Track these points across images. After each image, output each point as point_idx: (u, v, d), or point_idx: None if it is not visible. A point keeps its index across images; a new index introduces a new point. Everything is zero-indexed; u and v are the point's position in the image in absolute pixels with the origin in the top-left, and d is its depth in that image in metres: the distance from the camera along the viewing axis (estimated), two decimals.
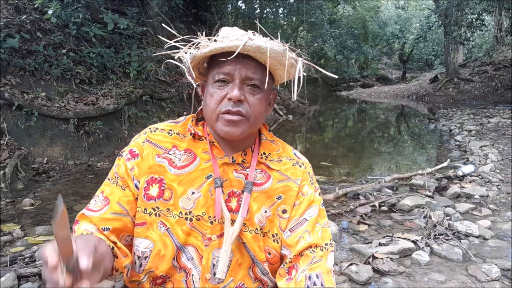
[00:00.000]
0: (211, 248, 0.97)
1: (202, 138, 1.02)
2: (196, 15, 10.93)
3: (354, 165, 6.38)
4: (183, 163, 0.99)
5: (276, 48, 0.90)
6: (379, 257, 2.49)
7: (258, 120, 0.99)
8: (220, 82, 0.94)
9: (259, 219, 0.99)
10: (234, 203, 0.99)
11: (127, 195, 0.99)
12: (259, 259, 1.00)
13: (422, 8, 26.42)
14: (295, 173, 1.05)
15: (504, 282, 2.32)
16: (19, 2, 6.09)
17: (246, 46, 0.88)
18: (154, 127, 1.05)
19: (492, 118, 9.96)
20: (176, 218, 0.96)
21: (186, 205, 0.97)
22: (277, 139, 1.11)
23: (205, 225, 0.97)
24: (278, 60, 0.93)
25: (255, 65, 0.93)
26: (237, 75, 0.93)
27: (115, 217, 0.97)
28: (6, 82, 5.11)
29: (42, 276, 2.33)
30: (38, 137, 5.06)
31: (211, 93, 0.95)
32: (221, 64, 0.93)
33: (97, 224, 0.96)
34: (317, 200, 1.05)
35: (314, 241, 0.98)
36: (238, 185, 1.00)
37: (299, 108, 12.81)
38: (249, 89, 0.95)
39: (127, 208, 0.98)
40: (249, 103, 0.94)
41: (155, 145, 1.01)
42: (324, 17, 18.62)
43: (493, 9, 16.99)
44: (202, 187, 0.98)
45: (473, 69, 18.82)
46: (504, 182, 4.43)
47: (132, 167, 0.99)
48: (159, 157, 0.99)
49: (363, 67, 28.57)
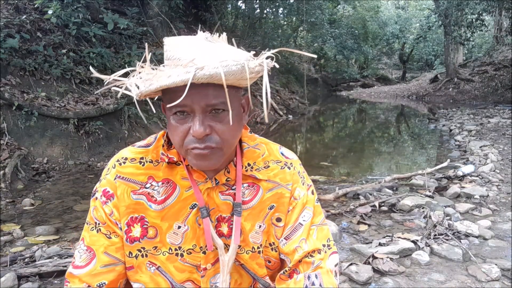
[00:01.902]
0: (207, 277, 0.93)
1: (178, 163, 0.91)
2: (196, 15, 10.94)
3: (354, 165, 6.38)
4: (162, 196, 0.90)
5: (233, 68, 0.74)
6: (379, 257, 2.49)
7: (233, 144, 0.87)
8: (180, 114, 0.81)
9: (255, 237, 0.95)
10: (226, 228, 0.93)
11: (114, 243, 0.91)
12: (260, 275, 0.96)
13: (422, 8, 26.41)
14: (285, 178, 0.97)
15: (504, 282, 2.32)
16: (19, 2, 6.09)
17: (198, 77, 0.72)
18: (122, 157, 0.93)
19: (492, 118, 9.95)
20: (166, 255, 0.90)
21: (175, 241, 0.90)
22: (260, 141, 1.00)
23: (198, 256, 0.92)
24: (239, 78, 0.77)
25: (214, 87, 0.77)
26: (196, 106, 0.78)
27: (107, 269, 0.90)
28: (6, 82, 5.12)
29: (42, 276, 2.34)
30: (38, 137, 5.06)
31: (173, 126, 0.82)
32: (175, 97, 0.75)
33: (90, 283, 0.89)
34: (311, 199, 0.99)
35: (311, 248, 0.95)
36: (226, 209, 0.92)
37: (299, 108, 12.81)
38: (213, 116, 0.80)
39: (118, 256, 0.91)
40: (217, 133, 0.81)
41: (128, 181, 0.90)
42: (324, 17, 18.63)
43: (493, 9, 16.98)
44: (187, 219, 0.90)
45: (473, 69, 18.81)
46: (504, 182, 4.43)
47: (111, 211, 0.90)
48: (135, 194, 0.90)
49: (363, 67, 28.57)
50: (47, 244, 2.82)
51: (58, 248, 2.66)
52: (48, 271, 2.34)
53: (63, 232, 3.18)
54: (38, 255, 2.54)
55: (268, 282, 0.98)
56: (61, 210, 3.69)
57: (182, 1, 9.22)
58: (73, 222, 3.38)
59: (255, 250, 0.95)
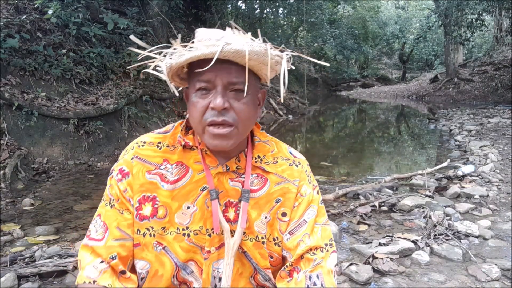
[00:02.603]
0: (211, 260, 0.95)
1: (193, 148, 0.98)
2: (196, 15, 10.94)
3: (354, 165, 6.38)
4: (175, 177, 0.95)
5: (256, 49, 0.84)
6: (379, 257, 2.49)
7: (247, 126, 0.94)
8: (202, 90, 0.89)
9: (259, 226, 0.97)
10: (232, 213, 0.96)
11: (126, 219, 0.95)
12: (261, 267, 0.98)
13: (422, 8, 26.41)
14: (292, 174, 1.01)
15: (504, 282, 2.32)
16: (19, 2, 6.09)
17: (224, 52, 0.81)
18: (141, 141, 1.00)
19: (492, 118, 9.95)
20: (174, 235, 0.93)
21: (183, 221, 0.94)
22: (271, 139, 1.06)
23: (204, 238, 0.94)
24: (261, 61, 0.87)
25: (237, 68, 0.86)
26: (219, 81, 0.87)
27: (118, 243, 0.94)
28: (6, 82, 5.12)
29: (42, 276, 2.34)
30: (38, 137, 5.06)
31: (194, 102, 0.90)
32: (200, 72, 0.86)
33: (103, 255, 0.93)
34: (316, 198, 1.03)
35: (314, 244, 0.97)
36: (235, 194, 0.96)
37: (299, 108, 12.81)
38: (233, 95, 0.88)
39: (128, 232, 0.95)
40: (235, 110, 0.88)
41: (144, 161, 0.96)
42: (324, 17, 18.65)
43: (493, 9, 16.98)
44: (197, 200, 0.94)
45: (473, 69, 18.81)
46: (504, 182, 4.43)
47: (125, 188, 0.95)
48: (150, 174, 0.95)
49: (363, 67, 28.58)
50: (47, 244, 2.82)
51: (58, 248, 2.66)
52: (48, 271, 2.34)
53: (63, 232, 3.17)
54: (38, 255, 2.53)
55: (269, 275, 0.99)
56: (61, 210, 3.69)
57: (182, 1, 9.21)
58: (73, 222, 3.38)
59: (259, 240, 0.97)
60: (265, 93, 1.02)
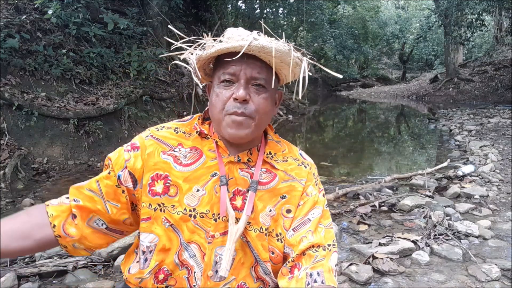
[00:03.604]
0: (214, 245, 0.97)
1: (207, 137, 1.03)
2: (196, 15, 10.93)
3: (354, 165, 6.38)
4: (188, 160, 1.00)
5: (281, 48, 0.91)
6: (379, 257, 2.49)
7: (264, 120, 1.00)
8: (226, 82, 0.95)
9: (264, 218, 1.00)
10: (239, 202, 0.99)
11: (108, 178, 1.00)
12: (262, 259, 1.00)
13: (422, 8, 26.42)
14: (300, 174, 1.05)
15: (504, 282, 2.32)
16: (19, 2, 6.09)
17: (251, 46, 0.89)
18: (160, 125, 1.07)
19: (492, 118, 9.96)
20: (180, 215, 0.97)
21: (191, 202, 0.97)
22: (283, 140, 1.12)
23: (209, 222, 0.97)
24: (283, 60, 0.94)
25: (260, 65, 0.94)
26: (243, 75, 0.94)
27: (89, 194, 0.99)
28: (6, 82, 5.11)
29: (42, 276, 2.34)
30: (38, 137, 5.06)
31: (217, 93, 0.96)
32: (227, 65, 0.94)
33: (71, 194, 0.99)
34: (321, 201, 1.06)
35: (316, 241, 0.98)
36: (244, 183, 1.00)
37: (299, 108, 12.81)
38: (255, 89, 0.95)
39: (103, 190, 0.99)
40: (254, 103, 0.95)
41: (160, 141, 1.01)
42: (324, 17, 18.63)
43: (493, 9, 16.98)
44: (207, 184, 0.98)
45: (473, 69, 18.82)
46: (504, 182, 4.43)
47: (129, 158, 1.00)
48: (164, 154, 1.00)
49: (363, 67, 28.58)
50: None
51: (58, 248, 2.64)
52: (48, 271, 2.34)
53: None
54: (38, 255, 2.53)
55: (268, 269, 1.01)
56: None
57: (182, 1, 9.20)
58: None
59: (262, 231, 0.99)
60: (282, 94, 1.09)
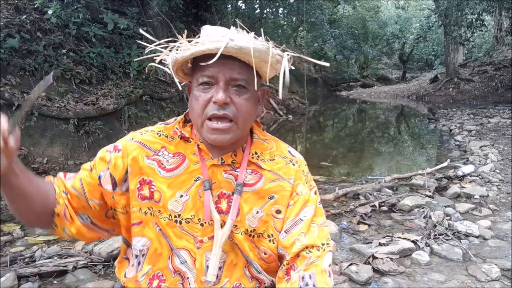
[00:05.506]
0: (204, 250, 0.96)
1: (189, 140, 1.01)
2: (196, 15, 10.92)
3: (354, 165, 6.38)
4: (171, 165, 0.98)
5: (259, 47, 0.87)
6: (379, 257, 2.49)
7: (247, 121, 0.97)
8: (205, 85, 0.92)
9: (251, 220, 0.98)
10: (225, 205, 0.98)
11: (91, 176, 0.99)
12: (252, 259, 0.99)
13: (422, 8, 26.40)
14: (288, 172, 1.02)
15: (504, 282, 2.32)
16: (19, 2, 6.09)
17: (228, 48, 0.85)
18: (144, 129, 1.06)
19: (492, 118, 9.95)
20: (166, 221, 0.96)
21: (175, 208, 0.96)
22: (270, 137, 1.08)
23: (196, 227, 0.96)
24: (263, 59, 0.90)
25: (240, 65, 0.90)
26: (221, 77, 0.90)
27: (73, 192, 0.99)
28: (6, 82, 5.11)
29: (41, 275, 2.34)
30: (38, 137, 5.06)
31: (196, 96, 0.93)
32: (204, 67, 0.89)
33: (61, 186, 0.99)
34: (313, 199, 1.02)
35: (310, 242, 0.96)
36: (228, 186, 0.98)
37: (299, 108, 12.81)
38: (235, 90, 0.92)
39: (86, 189, 0.99)
40: (235, 105, 0.92)
41: (144, 146, 1.00)
42: (324, 17, 18.63)
43: (493, 9, 16.98)
44: (190, 189, 0.97)
45: (473, 69, 18.81)
46: (504, 182, 4.43)
47: (110, 159, 1.00)
48: (148, 159, 0.99)
49: (363, 67, 28.57)
50: (47, 244, 2.81)
51: (58, 248, 2.66)
52: (48, 271, 2.34)
53: None
54: (38, 255, 2.54)
55: (260, 268, 1.00)
56: None
57: (182, 1, 9.20)
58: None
59: (248, 233, 0.98)
60: (265, 91, 1.05)
